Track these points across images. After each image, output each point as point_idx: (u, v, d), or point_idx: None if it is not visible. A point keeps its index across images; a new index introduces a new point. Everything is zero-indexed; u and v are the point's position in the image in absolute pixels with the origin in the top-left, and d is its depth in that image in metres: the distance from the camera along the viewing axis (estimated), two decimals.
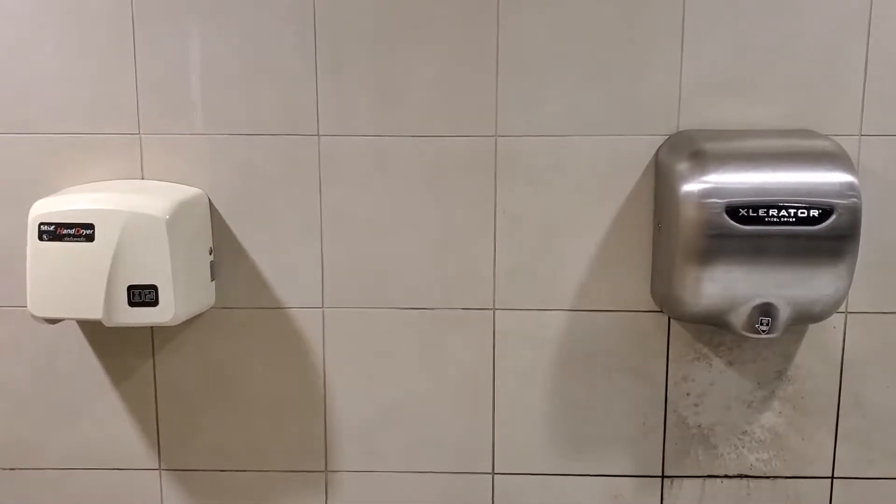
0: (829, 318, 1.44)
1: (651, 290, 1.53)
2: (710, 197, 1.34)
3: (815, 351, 1.57)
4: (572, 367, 1.58)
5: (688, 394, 1.58)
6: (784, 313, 1.38)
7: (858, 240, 1.35)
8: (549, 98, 1.50)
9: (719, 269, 1.35)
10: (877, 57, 1.47)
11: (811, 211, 1.32)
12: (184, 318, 1.45)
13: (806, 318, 1.42)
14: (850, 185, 1.34)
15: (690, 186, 1.36)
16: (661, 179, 1.47)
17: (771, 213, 1.32)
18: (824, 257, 1.35)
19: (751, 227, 1.33)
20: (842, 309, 1.53)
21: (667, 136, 1.50)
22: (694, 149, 1.41)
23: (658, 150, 1.49)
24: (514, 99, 1.50)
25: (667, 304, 1.48)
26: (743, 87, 1.48)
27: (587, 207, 1.52)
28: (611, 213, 1.52)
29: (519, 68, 1.50)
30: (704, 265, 1.35)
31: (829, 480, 1.59)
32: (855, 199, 1.34)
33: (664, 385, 1.58)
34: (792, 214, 1.33)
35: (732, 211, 1.33)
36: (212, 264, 1.55)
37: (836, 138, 1.46)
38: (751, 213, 1.32)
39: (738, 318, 1.39)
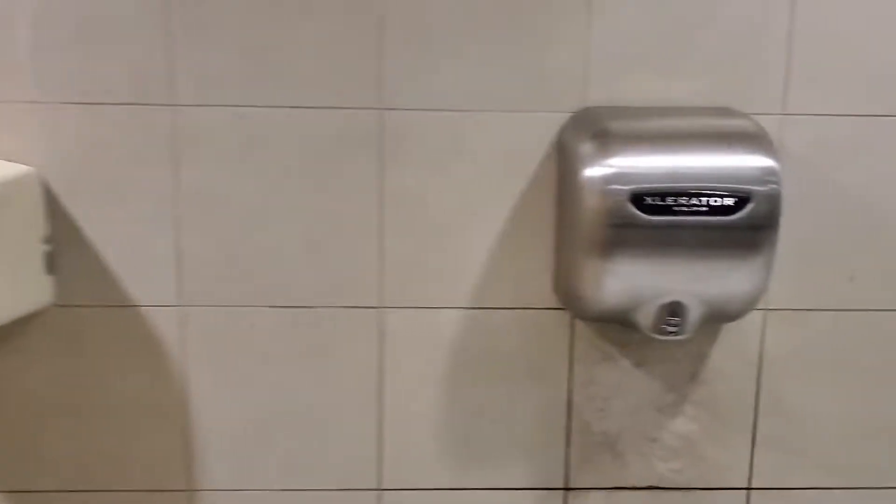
0: (746, 316, 1.36)
1: (553, 286, 1.43)
2: (613, 183, 1.25)
3: (732, 351, 1.49)
4: (468, 371, 1.48)
5: (593, 398, 1.50)
6: (695, 312, 1.29)
7: (778, 230, 1.27)
8: (443, 67, 1.38)
9: (623, 264, 1.26)
10: (802, 28, 1.38)
11: (725, 199, 1.24)
12: (7, 318, 1.30)
13: (720, 316, 1.34)
14: (770, 170, 1.26)
15: (592, 171, 1.26)
16: (563, 163, 1.36)
17: (680, 201, 1.23)
18: (740, 250, 1.27)
19: (658, 217, 1.24)
20: (760, 305, 1.44)
21: (572, 114, 1.40)
22: (597, 128, 1.31)
23: (561, 129, 1.39)
24: (402, 66, 1.38)
25: (569, 301, 1.39)
26: (658, 60, 1.39)
27: (486, 193, 1.41)
28: (512, 200, 1.41)
29: (408, 30, 1.37)
30: (607, 259, 1.26)
31: (746, 491, 1.52)
32: (775, 186, 1.25)
33: (567, 389, 1.49)
34: (704, 203, 1.24)
35: (638, 199, 1.23)
36: (47, 255, 1.39)
37: (756, 117, 1.37)
38: (658, 202, 1.23)
39: (645, 318, 1.30)
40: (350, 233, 1.43)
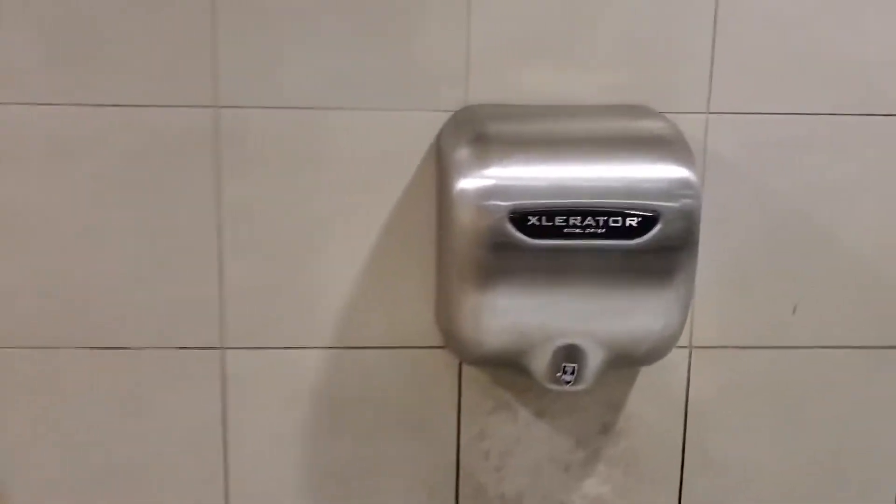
0: (666, 357, 1.13)
1: (436, 320, 1.19)
2: (490, 198, 1.01)
3: (652, 396, 1.26)
4: (334, 423, 1.23)
5: (487, 454, 1.25)
6: (595, 357, 1.06)
7: (696, 254, 1.04)
8: (295, 57, 1.14)
9: (504, 297, 1.03)
10: (730, 13, 1.15)
11: (627, 219, 1.00)
12: None
13: (629, 360, 1.11)
14: (685, 182, 1.02)
15: (465, 183, 1.02)
16: (440, 172, 1.13)
17: (572, 221, 1.00)
18: (648, 280, 1.03)
19: (544, 241, 1.00)
20: (684, 342, 1.23)
21: (453, 114, 1.16)
22: (475, 132, 1.07)
23: (441, 131, 1.15)
24: (242, 56, 1.14)
25: (448, 340, 1.15)
26: (556, 50, 1.16)
27: (353, 207, 1.18)
28: (384, 215, 1.17)
29: (248, 12, 1.13)
30: (484, 291, 1.03)
31: None
32: (690, 201, 1.02)
33: (455, 444, 1.24)
34: (601, 223, 1.00)
35: (519, 218, 1.00)
36: None
37: (676, 117, 1.14)
38: (544, 222, 0.99)
39: (537, 364, 1.07)
40: (181, 257, 1.18)
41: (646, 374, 1.23)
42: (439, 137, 1.14)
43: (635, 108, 1.16)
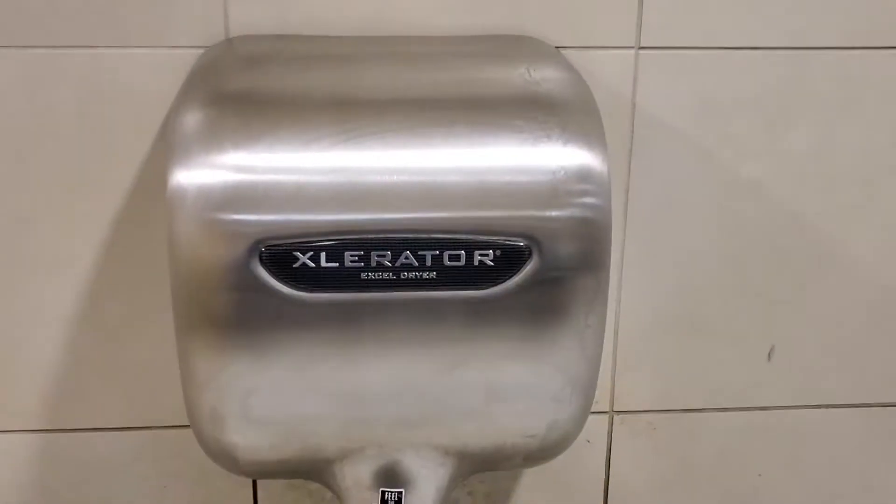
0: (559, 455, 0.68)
1: None
2: (224, 210, 0.56)
3: (554, 486, 0.83)
4: None
5: None
6: (434, 477, 0.62)
7: (603, 287, 0.60)
8: None
9: (259, 381, 0.59)
10: None
11: (476, 254, 0.56)
12: None
13: (494, 467, 0.67)
14: (581, 174, 0.58)
15: (184, 176, 0.56)
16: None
17: (376, 260, 0.55)
18: (517, 349, 0.59)
19: (327, 296, 0.56)
20: (603, 405, 0.82)
21: (204, 50, 0.70)
22: (213, 87, 0.62)
23: (184, 82, 0.67)
24: None
25: (200, 442, 0.65)
26: None
27: (39, 213, 0.73)
28: (102, 232, 0.73)
29: None
30: (223, 366, 0.58)
31: None
32: (593, 204, 0.58)
33: None
34: (429, 263, 0.56)
35: (278, 257, 0.55)
36: None
37: (583, 54, 0.72)
38: (325, 263, 0.55)
39: (341, 489, 0.63)
40: None
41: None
42: (179, 94, 0.66)
43: (514, 40, 0.70)
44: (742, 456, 0.85)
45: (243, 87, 0.62)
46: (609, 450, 0.84)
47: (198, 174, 0.57)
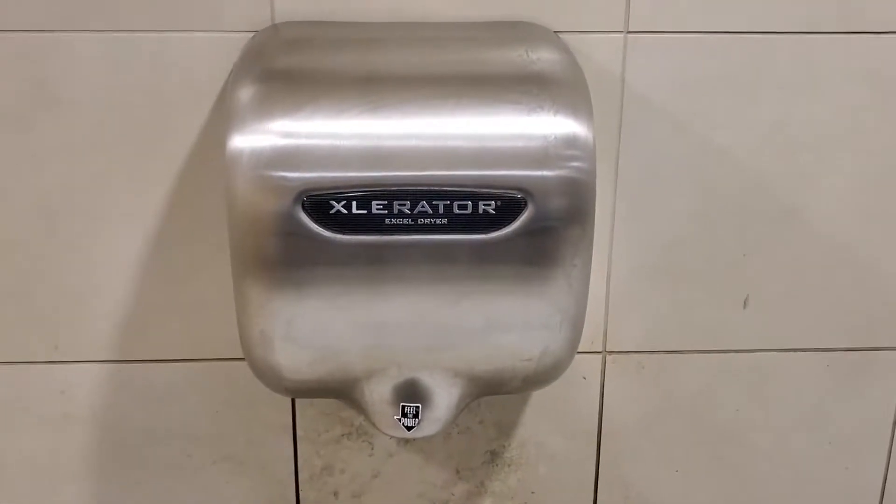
0: (553, 381, 0.82)
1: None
2: (273, 167, 0.69)
3: (553, 416, 0.97)
4: (122, 456, 0.94)
5: (336, 494, 0.98)
6: (447, 394, 0.76)
7: (588, 239, 0.72)
8: None
9: (301, 310, 0.72)
10: None
11: (481, 203, 0.68)
12: None
13: (501, 391, 0.80)
14: (568, 140, 0.70)
15: (241, 140, 0.69)
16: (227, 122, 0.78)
17: (398, 208, 0.68)
18: (515, 286, 0.72)
19: (357, 238, 0.69)
20: (597, 346, 0.95)
21: (254, 34, 0.82)
22: (263, 64, 0.75)
23: (236, 62, 0.81)
24: None
25: (251, 363, 0.80)
26: None
27: (119, 177, 0.85)
28: (164, 188, 0.85)
29: None
30: (271, 299, 0.72)
31: None
32: (578, 166, 0.70)
33: (294, 482, 0.96)
34: (442, 211, 0.68)
35: (317, 204, 0.68)
36: None
37: (579, 38, 0.83)
38: (356, 210, 0.68)
39: (367, 404, 0.77)
40: None
41: (545, 389, 0.90)
42: (232, 72, 0.80)
43: (517, 26, 0.82)
44: (720, 393, 0.98)
45: (287, 66, 0.75)
46: (602, 386, 0.97)
47: (251, 138, 0.70)
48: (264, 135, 0.70)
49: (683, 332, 0.94)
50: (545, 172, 0.71)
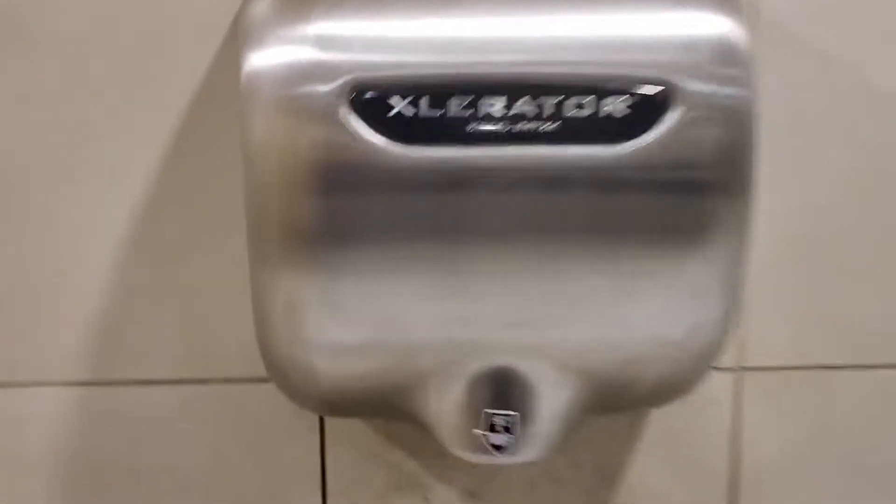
0: (695, 386, 0.62)
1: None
2: (310, 78, 0.49)
3: (674, 455, 0.76)
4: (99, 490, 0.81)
5: None
6: (555, 394, 0.53)
7: (748, 193, 0.52)
8: None
9: (346, 275, 0.51)
10: None
11: (607, 99, 0.48)
12: None
13: (624, 397, 0.58)
14: (724, 44, 0.50)
15: (261, 58, 0.50)
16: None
17: (485, 108, 0.47)
18: (654, 232, 0.51)
19: (427, 151, 0.48)
20: (728, 362, 0.73)
21: None
22: None
23: None
24: None
25: (268, 368, 0.59)
26: None
27: (94, 125, 0.66)
28: (160, 140, 0.66)
29: None
30: (308, 264, 0.51)
31: None
32: (737, 79, 0.50)
33: None
34: (547, 111, 0.48)
35: (372, 104, 0.48)
36: None
37: None
38: (425, 110, 0.47)
39: (435, 413, 0.55)
40: None
41: (661, 418, 0.76)
42: None
43: None
44: (893, 422, 0.78)
45: None
46: (737, 413, 0.75)
47: (273, 52, 0.50)
48: (292, 44, 0.49)
49: (843, 340, 0.75)
50: (693, 77, 0.49)
